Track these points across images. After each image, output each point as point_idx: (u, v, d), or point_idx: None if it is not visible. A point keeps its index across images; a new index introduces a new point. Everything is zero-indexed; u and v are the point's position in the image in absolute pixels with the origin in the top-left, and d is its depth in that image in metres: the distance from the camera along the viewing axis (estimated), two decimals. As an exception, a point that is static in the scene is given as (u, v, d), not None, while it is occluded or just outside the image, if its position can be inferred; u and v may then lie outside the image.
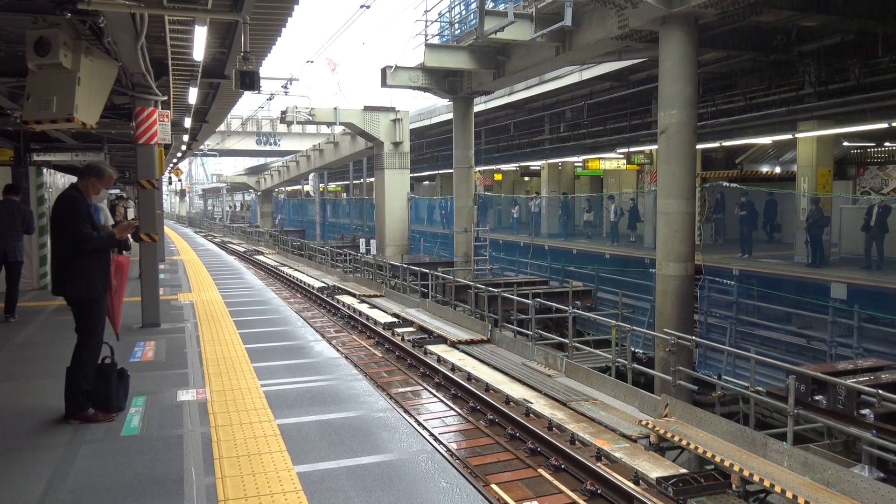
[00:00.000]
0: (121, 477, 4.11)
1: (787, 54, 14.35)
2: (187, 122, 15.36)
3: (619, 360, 10.44)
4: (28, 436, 4.78)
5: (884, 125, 13.43)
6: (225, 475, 4.14)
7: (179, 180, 55.92)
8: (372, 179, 30.24)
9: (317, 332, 10.11)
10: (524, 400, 9.51)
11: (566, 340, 11.65)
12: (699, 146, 13.84)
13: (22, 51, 6.15)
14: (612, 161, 22.57)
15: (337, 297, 19.39)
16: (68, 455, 4.42)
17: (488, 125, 28.95)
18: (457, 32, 17.13)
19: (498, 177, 32.80)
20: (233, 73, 7.07)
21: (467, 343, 12.92)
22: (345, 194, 46.79)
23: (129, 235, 7.28)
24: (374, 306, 17.58)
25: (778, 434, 7.54)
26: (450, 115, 22.14)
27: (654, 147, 16.46)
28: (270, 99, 28.55)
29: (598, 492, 6.94)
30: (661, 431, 7.91)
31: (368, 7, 14.29)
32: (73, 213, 4.91)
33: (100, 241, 4.95)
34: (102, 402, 5.07)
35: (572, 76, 20.05)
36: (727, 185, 17.67)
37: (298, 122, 24.98)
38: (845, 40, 13.89)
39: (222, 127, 35.29)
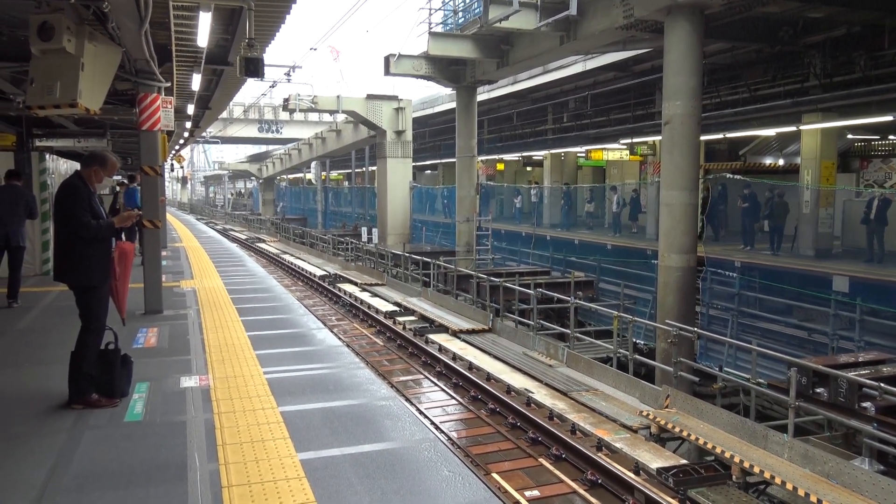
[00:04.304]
0: (124, 462, 4.12)
1: (792, 46, 14.28)
2: (190, 109, 15.33)
3: (621, 350, 10.45)
4: (31, 421, 4.79)
5: (889, 118, 13.36)
6: (228, 461, 4.15)
7: (182, 167, 55.82)
8: (374, 168, 30.19)
9: (318, 319, 10.13)
10: (525, 390, 9.52)
11: (567, 331, 11.66)
12: (703, 137, 13.79)
13: (25, 35, 6.11)
14: (614, 152, 22.52)
15: (338, 285, 19.41)
16: (72, 440, 4.44)
17: (491, 115, 28.86)
18: (461, 21, 17.05)
19: (500, 166, 32.71)
20: (237, 59, 7.05)
21: (469, 332, 12.92)
22: (347, 183, 46.71)
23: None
24: (375, 295, 17.59)
25: (779, 426, 7.56)
26: (453, 104, 22.07)
27: (658, 138, 16.42)
28: (273, 86, 28.45)
29: (599, 482, 6.96)
30: (662, 422, 7.93)
31: (372, -6, 14.21)
32: (73, 202, 4.92)
33: (98, 229, 4.96)
34: (106, 388, 5.08)
35: (576, 66, 19.97)
36: (730, 176, 17.62)
37: (301, 110, 24.90)
38: (851, 32, 13.79)
39: (224, 114, 35.15)
